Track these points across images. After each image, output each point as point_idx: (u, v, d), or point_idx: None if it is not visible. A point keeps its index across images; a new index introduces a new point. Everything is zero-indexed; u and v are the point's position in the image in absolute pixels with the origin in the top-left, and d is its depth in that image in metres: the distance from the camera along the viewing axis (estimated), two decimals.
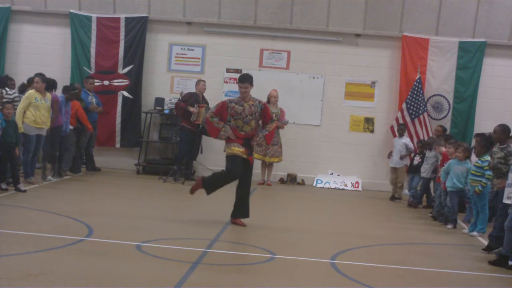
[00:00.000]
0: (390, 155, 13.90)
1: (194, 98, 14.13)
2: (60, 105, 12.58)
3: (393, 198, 13.68)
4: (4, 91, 12.45)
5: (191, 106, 13.95)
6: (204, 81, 14.48)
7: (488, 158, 9.99)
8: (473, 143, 11.71)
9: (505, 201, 8.46)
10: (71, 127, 13.18)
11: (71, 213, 9.50)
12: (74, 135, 13.44)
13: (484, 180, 9.93)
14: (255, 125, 9.56)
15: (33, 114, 11.83)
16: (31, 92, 11.97)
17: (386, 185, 14.39)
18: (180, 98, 14.02)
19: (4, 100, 12.07)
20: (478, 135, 13.14)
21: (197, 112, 13.88)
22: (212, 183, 9.59)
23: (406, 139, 13.95)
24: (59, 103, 12.55)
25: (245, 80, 9.64)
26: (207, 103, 14.27)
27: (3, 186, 11.09)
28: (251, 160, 9.57)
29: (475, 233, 10.17)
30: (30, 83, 12.77)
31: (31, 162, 12.05)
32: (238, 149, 9.43)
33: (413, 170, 13.31)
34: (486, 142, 10.42)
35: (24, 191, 11.08)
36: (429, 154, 12.61)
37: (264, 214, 10.63)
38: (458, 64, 14.93)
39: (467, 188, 10.58)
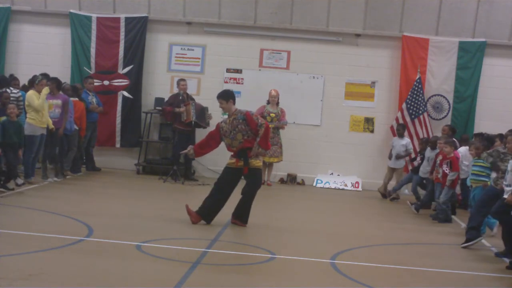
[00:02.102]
0: (390, 155, 13.93)
1: (179, 99, 14.13)
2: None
3: (393, 199, 13.67)
4: (8, 90, 12.49)
5: (177, 107, 13.96)
6: (184, 80, 14.50)
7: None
8: None
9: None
10: (76, 127, 13.20)
11: (71, 213, 9.50)
12: (77, 136, 13.45)
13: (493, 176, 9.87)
14: (244, 138, 9.36)
15: (39, 114, 11.87)
16: (31, 94, 11.98)
17: None
18: (168, 102, 14.11)
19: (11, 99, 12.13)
20: (477, 135, 13.15)
21: (184, 111, 13.86)
22: (208, 210, 9.54)
23: (406, 140, 13.96)
24: (68, 104, 12.66)
25: (219, 96, 9.70)
26: (192, 99, 14.27)
27: (10, 186, 11.13)
28: (246, 170, 9.41)
29: None
30: (32, 83, 12.68)
31: (32, 163, 12.07)
32: (229, 161, 9.56)
33: (415, 170, 13.21)
34: (488, 142, 10.40)
35: (12, 189, 11.08)
36: (430, 154, 12.42)
37: (264, 214, 10.62)
38: (458, 64, 14.92)
39: None
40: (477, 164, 10.12)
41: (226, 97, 9.62)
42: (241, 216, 9.59)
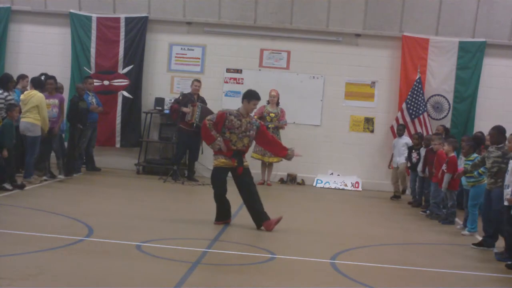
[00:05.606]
0: (391, 161, 13.91)
1: (188, 98, 14.12)
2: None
3: (394, 197, 13.65)
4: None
5: (185, 107, 13.95)
6: (198, 81, 14.43)
7: (475, 156, 10.01)
8: None
9: (506, 203, 8.40)
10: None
11: (71, 213, 9.50)
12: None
13: (476, 174, 9.98)
14: (248, 144, 9.47)
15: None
16: (43, 96, 12.09)
17: (386, 185, 14.40)
18: (177, 100, 14.09)
19: None
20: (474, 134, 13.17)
21: (190, 111, 13.85)
22: (223, 212, 9.61)
23: (406, 139, 13.93)
24: (64, 103, 12.76)
25: (257, 98, 9.53)
26: (203, 101, 14.24)
27: (7, 186, 11.12)
28: (240, 170, 9.38)
29: (466, 232, 10.21)
30: (39, 84, 12.61)
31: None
32: (223, 160, 9.37)
33: (413, 167, 13.17)
34: (474, 142, 10.43)
35: (10, 189, 11.06)
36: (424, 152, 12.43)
37: None
38: (458, 64, 14.92)
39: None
40: (466, 165, 10.18)
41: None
42: (261, 215, 9.47)
